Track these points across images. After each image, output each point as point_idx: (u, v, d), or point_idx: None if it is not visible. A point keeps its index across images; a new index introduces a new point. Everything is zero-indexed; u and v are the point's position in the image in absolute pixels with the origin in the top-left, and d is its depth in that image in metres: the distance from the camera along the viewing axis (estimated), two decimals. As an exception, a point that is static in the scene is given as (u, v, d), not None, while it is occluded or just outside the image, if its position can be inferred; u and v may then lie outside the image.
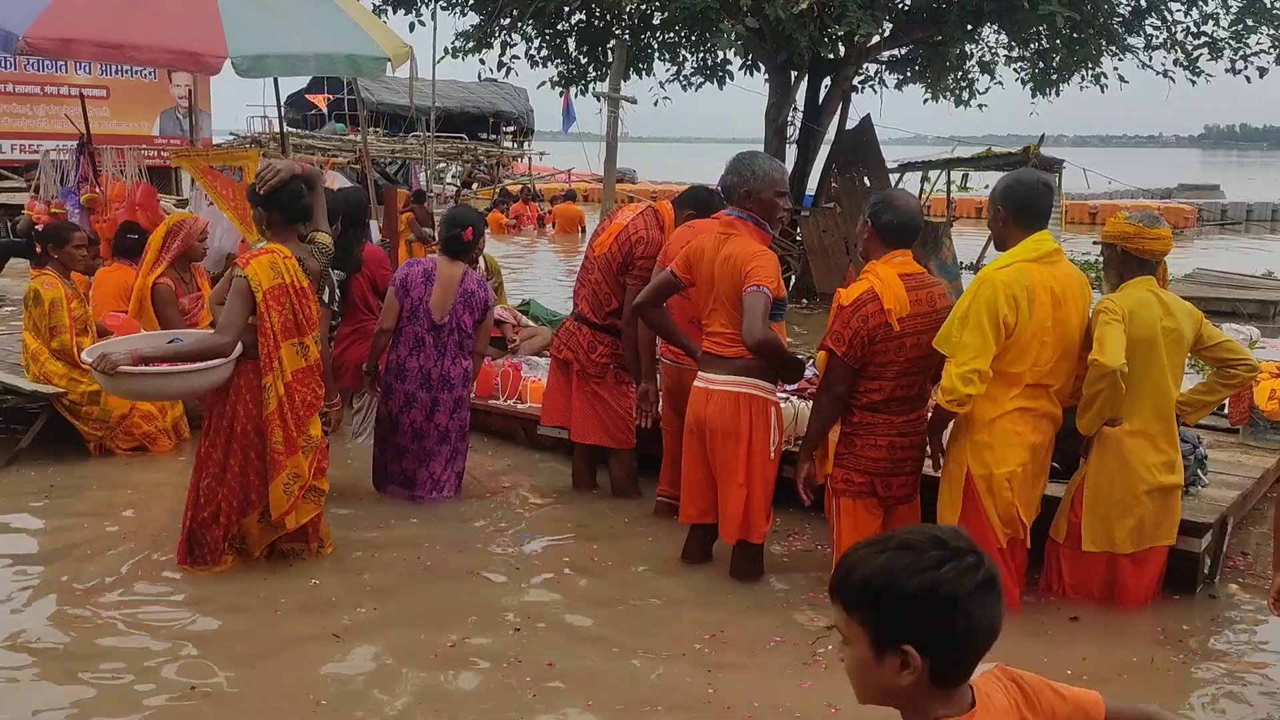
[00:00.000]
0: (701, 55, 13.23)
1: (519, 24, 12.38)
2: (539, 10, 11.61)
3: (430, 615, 4.04)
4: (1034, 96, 12.90)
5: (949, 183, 13.55)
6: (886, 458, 4.08)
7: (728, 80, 13.21)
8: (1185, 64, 11.87)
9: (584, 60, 12.89)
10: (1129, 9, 11.61)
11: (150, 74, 18.18)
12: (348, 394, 5.96)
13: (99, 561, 4.47)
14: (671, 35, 12.83)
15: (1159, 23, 11.82)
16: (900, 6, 11.71)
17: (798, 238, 12.28)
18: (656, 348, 4.98)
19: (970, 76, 13.50)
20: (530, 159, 30.61)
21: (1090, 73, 12.43)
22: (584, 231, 20.60)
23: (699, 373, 4.33)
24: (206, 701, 3.39)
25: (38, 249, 6.21)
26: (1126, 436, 4.01)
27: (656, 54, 13.02)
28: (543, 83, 13.43)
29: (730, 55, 12.89)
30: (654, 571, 4.52)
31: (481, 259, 7.06)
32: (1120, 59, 12.36)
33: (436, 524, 5.02)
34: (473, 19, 12.49)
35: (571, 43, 12.84)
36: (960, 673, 1.62)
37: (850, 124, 12.68)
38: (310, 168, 4.50)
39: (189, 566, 4.34)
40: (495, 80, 14.34)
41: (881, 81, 13.88)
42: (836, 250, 11.63)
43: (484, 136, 29.08)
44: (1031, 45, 12.37)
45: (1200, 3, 11.55)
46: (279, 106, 9.98)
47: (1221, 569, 4.53)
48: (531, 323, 7.93)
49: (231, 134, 23.97)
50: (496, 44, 12.48)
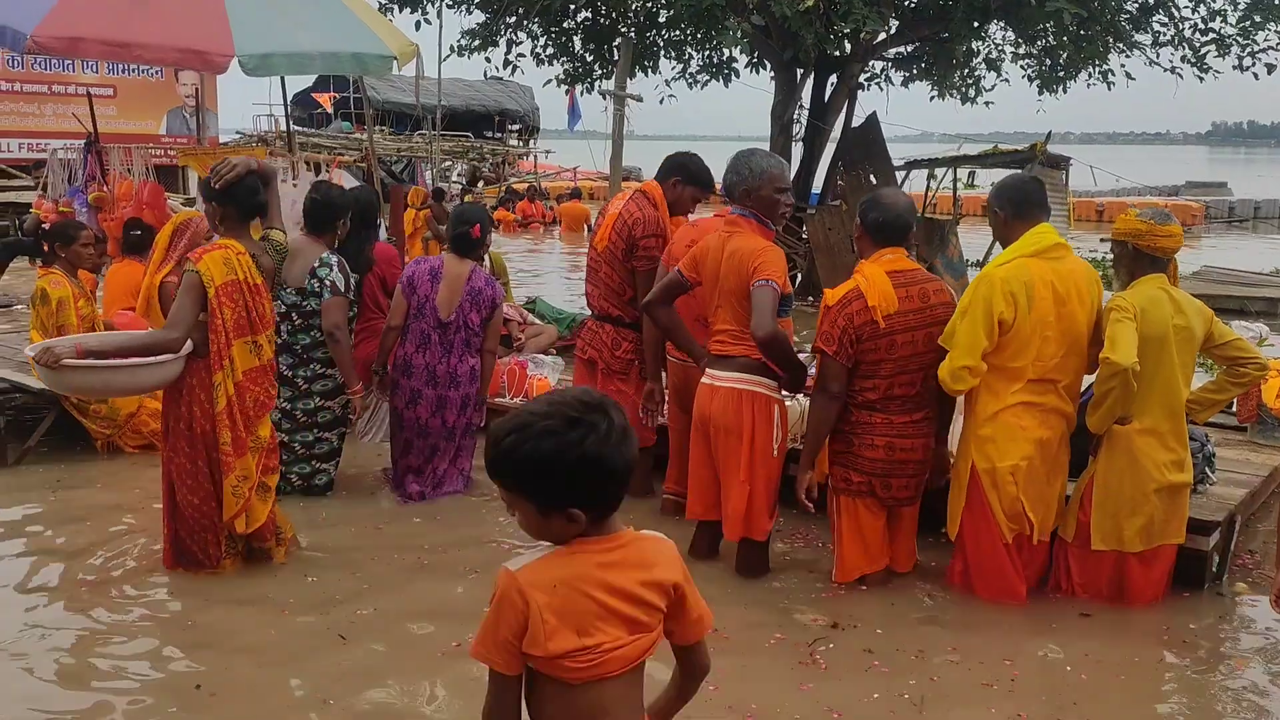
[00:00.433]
0: (707, 53, 13.22)
1: (525, 22, 12.38)
2: (544, 8, 11.61)
3: (433, 614, 4.04)
4: (1041, 94, 12.88)
5: (955, 180, 13.50)
6: (884, 458, 4.08)
7: (733, 78, 13.19)
8: (1193, 61, 11.83)
9: (589, 58, 12.89)
10: (1136, 6, 11.57)
11: (157, 73, 18.21)
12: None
13: (104, 559, 4.48)
14: (677, 33, 12.82)
15: (1166, 19, 11.78)
16: (906, 3, 11.69)
17: (803, 236, 12.26)
18: (663, 346, 4.98)
19: (977, 74, 13.48)
20: (536, 157, 30.62)
21: (1097, 70, 12.40)
22: (589, 229, 20.60)
23: (705, 369, 4.34)
24: (213, 700, 3.39)
25: (45, 247, 6.23)
26: (1136, 435, 4.00)
27: (662, 52, 13.01)
28: (548, 81, 13.43)
29: (736, 53, 12.87)
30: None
31: (487, 257, 7.06)
32: (1127, 56, 12.33)
33: (439, 522, 5.02)
34: (478, 17, 12.50)
35: (577, 40, 12.84)
36: (615, 505, 1.90)
37: (856, 121, 12.66)
38: (266, 164, 4.41)
39: (182, 570, 4.28)
40: (500, 78, 14.35)
41: (888, 79, 13.87)
42: (842, 248, 11.60)
43: (489, 135, 29.10)
44: (1038, 42, 12.34)
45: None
46: (285, 105, 9.97)
47: (1230, 567, 4.52)
48: (538, 321, 7.93)
49: (238, 133, 23.99)
50: (502, 42, 12.48)
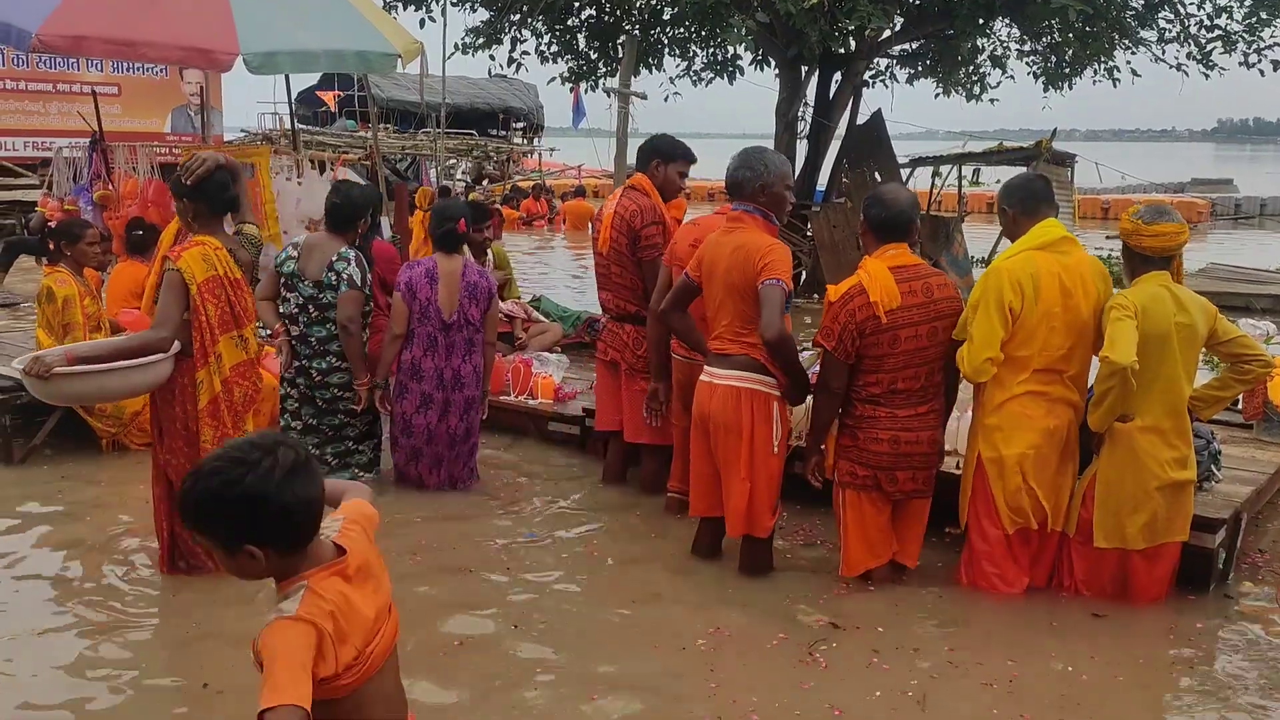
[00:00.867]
0: (712, 50, 13.21)
1: (529, 19, 12.38)
2: (549, 5, 11.61)
3: (436, 611, 4.05)
4: (1046, 90, 12.85)
5: (960, 178, 13.49)
6: (889, 451, 4.10)
7: (738, 75, 13.19)
8: (1198, 57, 11.80)
9: (594, 56, 12.89)
10: (1142, 2, 11.55)
11: (162, 71, 18.22)
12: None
13: (109, 556, 4.50)
14: (682, 30, 12.81)
15: (1172, 16, 11.75)
16: (911, 0, 11.67)
17: (808, 233, 12.25)
18: (668, 345, 4.98)
19: (982, 71, 13.45)
20: (540, 155, 30.60)
21: (1103, 66, 12.37)
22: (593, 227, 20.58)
23: (705, 367, 4.35)
24: (220, 698, 3.40)
25: (51, 246, 6.24)
26: (1138, 432, 4.00)
27: (667, 49, 13.00)
28: (553, 78, 13.42)
29: (740, 50, 12.85)
30: (661, 566, 4.53)
31: (489, 251, 7.06)
32: (1133, 52, 12.30)
33: (443, 520, 5.03)
34: (483, 15, 12.50)
35: (581, 38, 12.84)
36: (302, 539, 1.94)
37: (861, 119, 12.65)
38: (233, 160, 4.41)
39: (177, 573, 4.28)
40: (505, 76, 14.35)
41: (893, 76, 13.85)
42: (847, 245, 11.59)
43: (494, 133, 29.07)
44: (1043, 39, 12.32)
45: (1213, -4, 11.49)
46: (290, 103, 10.00)
47: (1237, 566, 4.51)
48: (542, 318, 7.93)
49: (243, 131, 24.00)
50: (507, 40, 12.49)
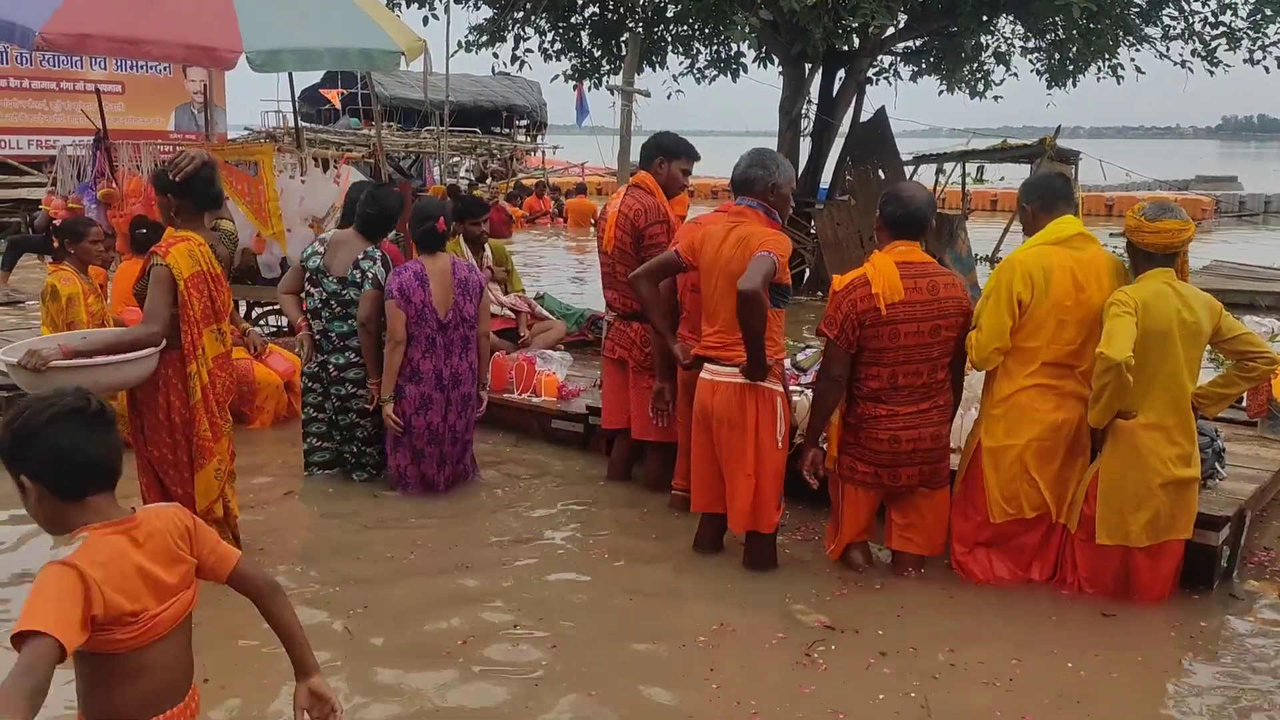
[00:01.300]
0: (715, 48, 13.21)
1: (532, 17, 12.38)
2: (552, 3, 11.61)
3: (437, 608, 4.06)
4: (1050, 88, 12.83)
5: (964, 175, 13.47)
6: (889, 450, 4.15)
7: (741, 73, 13.19)
8: (1203, 54, 11.77)
9: (598, 53, 12.88)
10: (1146, -1, 11.53)
11: (165, 69, 18.25)
12: None
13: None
14: (685, 28, 12.81)
15: (1176, 13, 11.72)
16: (915, -3, 11.66)
17: (812, 231, 12.25)
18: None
19: (986, 68, 13.43)
20: (544, 153, 30.59)
21: (1107, 63, 12.35)
22: (595, 225, 20.58)
23: (704, 364, 4.35)
24: (223, 692, 3.41)
25: (55, 244, 6.25)
26: (1140, 429, 4.00)
27: (670, 47, 13.00)
28: (556, 76, 13.43)
29: (744, 48, 12.87)
30: (664, 563, 4.54)
31: (487, 247, 7.06)
32: (1137, 49, 12.27)
33: (445, 518, 5.04)
34: (486, 12, 12.51)
35: (585, 36, 12.83)
36: (76, 489, 2.01)
37: (865, 116, 12.63)
38: (213, 157, 4.45)
39: None
40: (508, 74, 14.35)
41: (896, 73, 13.83)
42: (851, 243, 11.58)
43: (497, 130, 29.07)
44: (1047, 36, 12.29)
45: (1218, -8, 11.46)
46: (293, 101, 9.98)
47: (1243, 564, 4.51)
48: (548, 315, 7.92)
49: (246, 129, 24.00)
50: (510, 37, 12.48)
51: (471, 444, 5.48)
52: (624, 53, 11.52)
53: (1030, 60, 13.07)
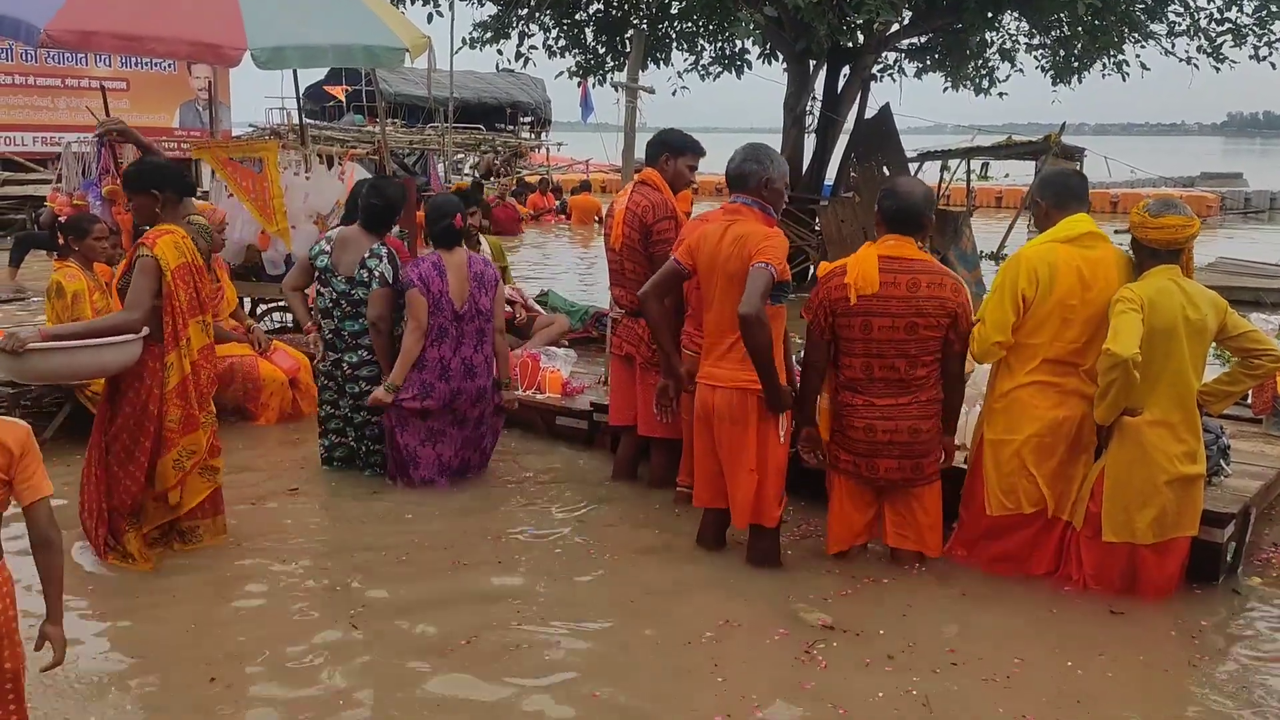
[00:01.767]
0: (719, 44, 13.19)
1: (537, 14, 12.38)
2: (556, 0, 11.60)
3: (441, 605, 4.06)
4: (1055, 84, 12.81)
5: (969, 172, 13.44)
6: (864, 440, 4.20)
7: (746, 70, 13.17)
8: (1208, 51, 11.74)
9: (602, 50, 12.87)
10: (1151, -5, 11.50)
11: (170, 66, 18.25)
12: None
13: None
14: (689, 24, 12.80)
15: (1181, 9, 11.70)
16: (919, -6, 11.64)
17: (816, 227, 12.24)
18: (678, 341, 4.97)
19: (990, 64, 13.41)
20: (548, 149, 30.60)
21: (1112, 60, 12.32)
22: (600, 221, 20.59)
23: (703, 367, 4.37)
24: (229, 691, 3.41)
25: (60, 240, 6.26)
26: (1146, 426, 3.99)
27: (674, 43, 12.98)
28: (560, 73, 13.42)
29: (748, 44, 12.84)
30: (667, 560, 4.54)
31: (484, 241, 7.08)
32: (1142, 46, 12.25)
33: (450, 513, 5.04)
34: (490, 9, 12.50)
35: (589, 32, 12.82)
36: None
37: (869, 113, 12.61)
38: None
39: (104, 559, 4.30)
40: (512, 71, 14.35)
41: (901, 70, 13.81)
42: (855, 240, 11.55)
43: (501, 127, 29.08)
44: (1052, 32, 12.27)
45: (1223, -12, 11.43)
46: (298, 98, 10.00)
47: (1249, 561, 4.51)
48: (539, 308, 7.93)
49: (250, 126, 24.02)
50: (514, 34, 12.48)
51: (486, 439, 5.50)
52: (628, 49, 11.51)
53: (1035, 57, 13.04)
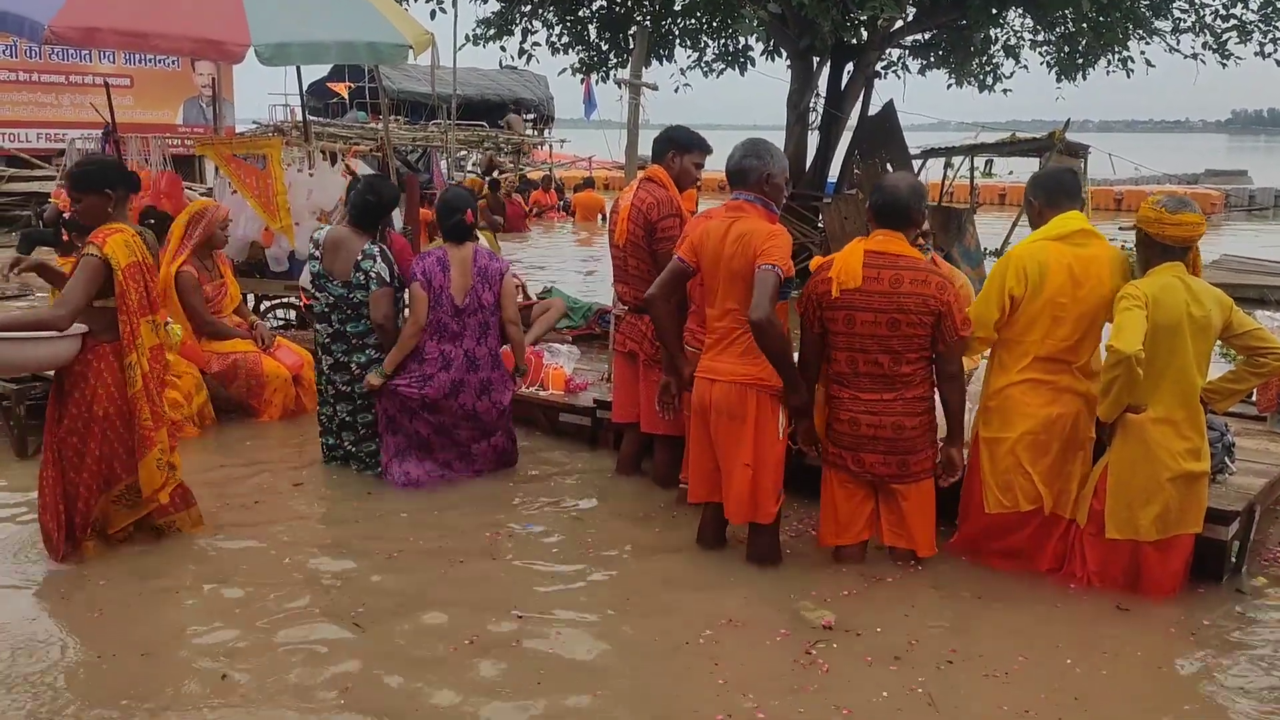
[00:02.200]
0: (723, 41, 13.18)
1: (540, 10, 12.37)
2: (559, -4, 11.59)
3: (443, 602, 4.06)
4: (1059, 81, 12.79)
5: (973, 169, 13.43)
6: (849, 433, 4.22)
7: (749, 66, 13.16)
8: (1214, 47, 11.72)
9: (605, 47, 12.86)
10: (1156, -9, 11.47)
11: (174, 63, 18.28)
12: None
13: (117, 548, 4.51)
14: (693, 21, 12.79)
15: (1186, 5, 11.68)
16: (924, -10, 11.62)
17: (819, 224, 12.22)
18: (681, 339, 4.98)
19: (995, 61, 13.39)
20: (551, 146, 30.58)
21: (1116, 57, 12.30)
22: (604, 218, 20.60)
23: (702, 360, 4.37)
24: (237, 690, 3.41)
25: (64, 237, 6.27)
26: (1150, 423, 3.99)
27: (678, 40, 12.97)
28: (563, 70, 13.41)
29: (752, 41, 12.83)
30: (669, 557, 4.53)
31: (480, 237, 7.08)
32: (1147, 43, 12.22)
33: (453, 511, 5.05)
34: (494, 6, 12.50)
35: (592, 29, 12.81)
36: None
37: (873, 110, 12.59)
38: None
39: (61, 561, 4.30)
40: (515, 68, 14.34)
41: (905, 67, 13.79)
42: (858, 236, 11.55)
43: (503, 124, 29.06)
44: (1057, 29, 12.25)
45: (1229, -15, 11.40)
46: (301, 95, 9.99)
47: (1257, 560, 4.50)
48: (533, 296, 7.94)
49: (254, 122, 24.04)
50: (517, 31, 12.47)
51: (495, 435, 5.50)
52: (631, 46, 11.51)
53: (1040, 53, 13.02)
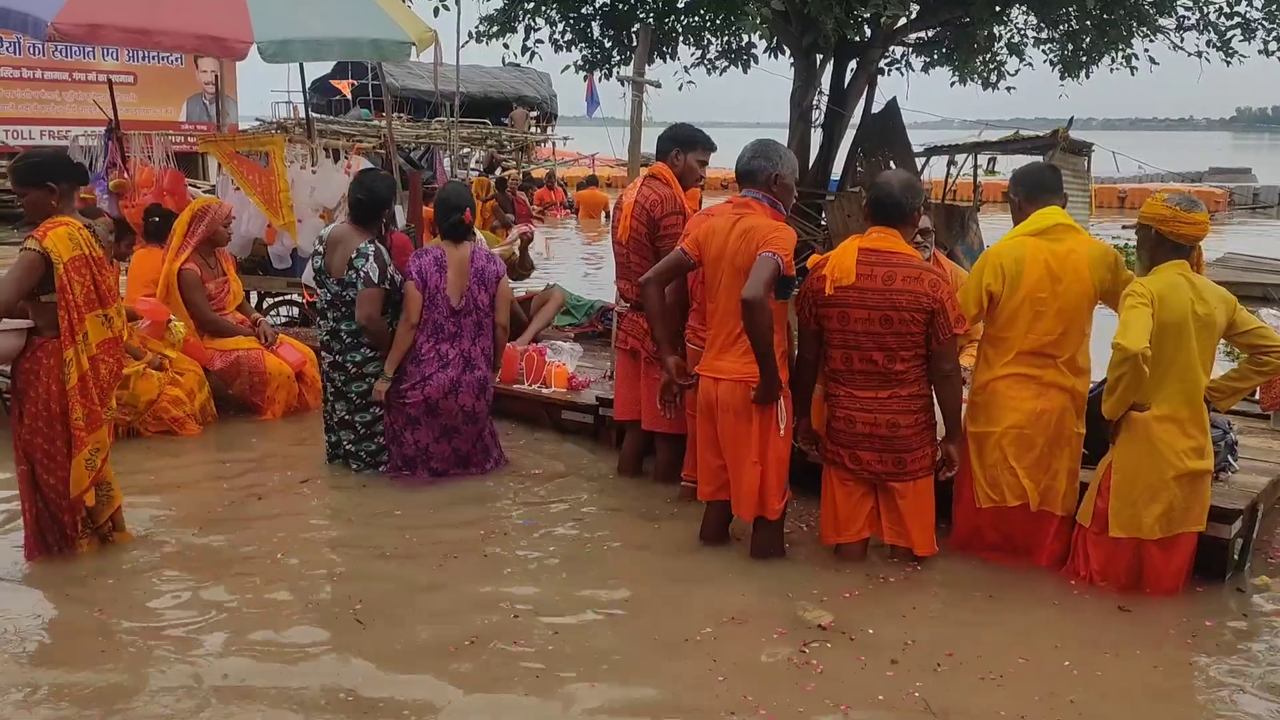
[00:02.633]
0: (726, 38, 13.15)
1: (543, 7, 12.35)
2: (563, -6, 11.57)
3: (444, 600, 4.06)
4: (1063, 79, 12.74)
5: (976, 167, 13.41)
6: (845, 430, 4.23)
7: (752, 64, 13.12)
8: (1218, 45, 11.68)
9: (608, 44, 12.83)
10: (1160, -11, 11.43)
11: (177, 60, 18.27)
12: None
13: (119, 546, 4.52)
14: (696, 18, 12.75)
15: (1190, 3, 11.63)
16: (927, -13, 11.59)
17: (822, 222, 12.21)
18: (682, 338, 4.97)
19: (999, 59, 13.34)
20: (554, 144, 30.58)
21: (1120, 54, 12.25)
22: (607, 216, 20.61)
23: (705, 359, 4.38)
24: (236, 688, 3.42)
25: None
26: (1154, 422, 3.98)
27: (681, 37, 12.94)
28: (566, 67, 13.39)
29: (755, 38, 12.80)
30: (670, 555, 4.54)
31: (480, 236, 7.07)
32: (1151, 40, 12.17)
33: (455, 508, 5.05)
34: (496, 3, 12.47)
35: (596, 26, 12.79)
36: None
37: (876, 107, 12.57)
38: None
39: (42, 558, 4.29)
40: (518, 65, 14.34)
41: (908, 64, 13.74)
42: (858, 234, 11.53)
43: (507, 122, 29.05)
44: (1061, 26, 12.21)
45: (1233, -18, 11.37)
46: (304, 92, 10.01)
47: (1262, 559, 4.49)
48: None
49: (257, 120, 24.04)
50: (520, 28, 12.45)
51: (484, 434, 5.50)
52: (635, 43, 11.49)
53: (1043, 51, 12.98)
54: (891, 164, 11.98)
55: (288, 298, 8.64)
